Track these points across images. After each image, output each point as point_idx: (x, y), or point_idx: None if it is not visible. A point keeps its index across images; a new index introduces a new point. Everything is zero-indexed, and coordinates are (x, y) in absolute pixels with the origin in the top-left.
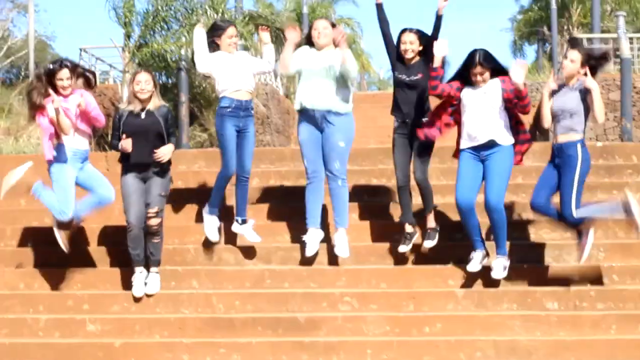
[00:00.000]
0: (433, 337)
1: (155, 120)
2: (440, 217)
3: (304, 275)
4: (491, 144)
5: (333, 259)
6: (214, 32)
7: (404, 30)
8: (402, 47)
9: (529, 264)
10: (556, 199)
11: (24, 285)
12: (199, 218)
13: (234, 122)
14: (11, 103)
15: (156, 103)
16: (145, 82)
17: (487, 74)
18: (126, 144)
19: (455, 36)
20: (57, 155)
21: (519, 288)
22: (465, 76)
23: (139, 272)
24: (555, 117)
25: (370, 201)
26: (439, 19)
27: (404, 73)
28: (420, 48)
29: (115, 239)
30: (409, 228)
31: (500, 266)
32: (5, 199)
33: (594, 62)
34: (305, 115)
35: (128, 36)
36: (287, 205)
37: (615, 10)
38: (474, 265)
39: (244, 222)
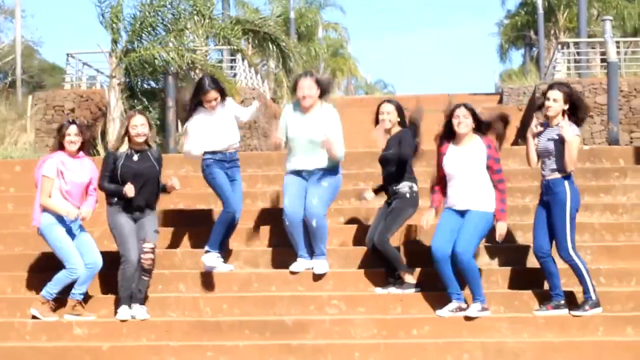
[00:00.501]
0: (421, 340)
1: (152, 164)
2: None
3: (291, 278)
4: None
5: None
6: (198, 91)
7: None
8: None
9: (516, 267)
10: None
11: (11, 289)
12: (186, 222)
13: (221, 167)
14: None
15: (150, 145)
16: (141, 125)
17: (469, 120)
18: (129, 190)
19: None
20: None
21: (505, 290)
22: (449, 130)
23: (123, 309)
24: (540, 157)
25: (358, 204)
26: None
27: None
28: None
29: (101, 244)
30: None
31: (474, 310)
32: None
33: (575, 99)
34: (293, 172)
35: (115, 41)
36: (274, 209)
37: (602, 14)
38: (442, 312)
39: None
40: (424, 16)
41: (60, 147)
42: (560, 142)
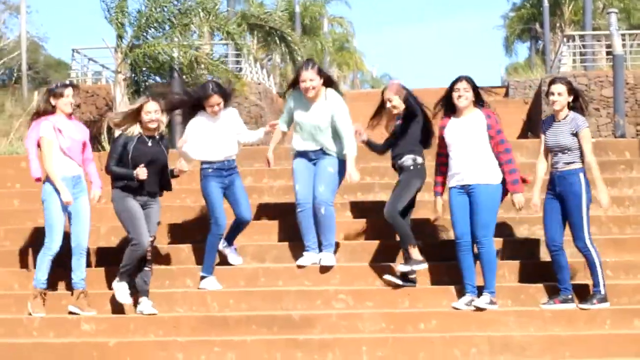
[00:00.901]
0: (428, 334)
1: (162, 150)
2: (433, 210)
3: (298, 273)
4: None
5: None
6: (201, 95)
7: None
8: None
9: (523, 260)
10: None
11: (18, 285)
12: (193, 217)
13: (218, 181)
14: (4, 104)
15: (160, 131)
16: (155, 112)
17: (470, 94)
18: (142, 173)
19: (448, 34)
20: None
21: (512, 284)
22: (448, 103)
23: (122, 286)
24: (551, 151)
25: (364, 199)
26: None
27: None
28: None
29: (108, 239)
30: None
31: (482, 301)
32: None
33: (577, 91)
34: (300, 153)
35: (120, 37)
36: (280, 203)
37: (607, 7)
38: (459, 304)
39: (230, 245)
40: (430, 8)
41: (53, 109)
42: (573, 134)
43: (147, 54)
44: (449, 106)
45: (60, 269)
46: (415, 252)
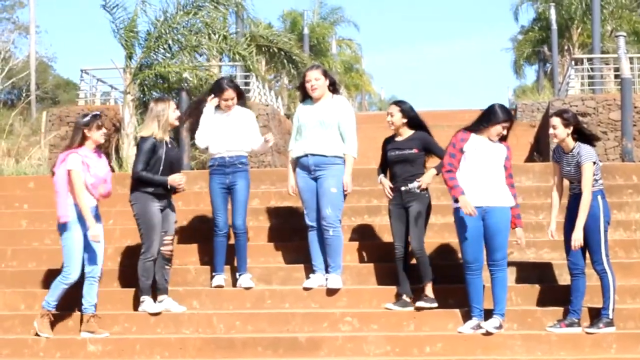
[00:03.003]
0: (434, 357)
1: (180, 153)
2: (440, 231)
3: (304, 295)
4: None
5: None
6: (215, 90)
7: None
8: None
9: (529, 284)
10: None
11: (24, 306)
12: (200, 238)
13: (219, 180)
14: (12, 124)
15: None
16: (177, 109)
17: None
18: (180, 178)
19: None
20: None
21: (519, 307)
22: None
23: (148, 300)
24: (566, 178)
25: (371, 221)
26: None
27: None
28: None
29: (115, 259)
30: (406, 298)
31: (491, 325)
32: (6, 219)
33: (575, 122)
34: (300, 164)
35: (129, 58)
36: (287, 225)
37: (616, 30)
38: (464, 328)
39: (242, 273)
40: (438, 31)
41: (82, 142)
42: (579, 166)
43: (156, 74)
44: (477, 127)
45: (70, 289)
46: (429, 289)
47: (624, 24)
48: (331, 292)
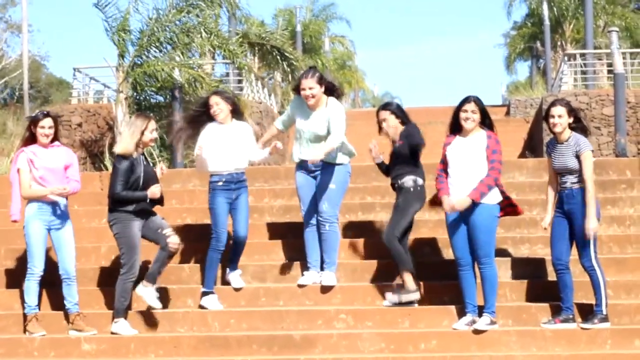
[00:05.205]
0: (429, 354)
1: (151, 166)
2: (434, 228)
3: (299, 292)
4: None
5: None
6: (206, 105)
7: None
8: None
9: (524, 280)
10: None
11: (18, 305)
12: (194, 237)
13: (225, 195)
14: (5, 123)
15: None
16: (156, 130)
17: (477, 116)
18: (158, 191)
19: (448, 52)
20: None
21: (513, 304)
22: (456, 122)
23: (122, 322)
24: (558, 172)
25: (365, 218)
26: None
27: None
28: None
29: (109, 258)
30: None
31: (482, 323)
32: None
33: (576, 111)
34: (300, 164)
35: (122, 56)
36: (281, 223)
37: (609, 25)
38: (459, 325)
39: (233, 269)
40: (432, 26)
41: (32, 140)
42: (576, 157)
43: (149, 72)
44: (455, 125)
45: (58, 289)
46: (409, 280)
47: (616, 20)
48: (326, 289)
